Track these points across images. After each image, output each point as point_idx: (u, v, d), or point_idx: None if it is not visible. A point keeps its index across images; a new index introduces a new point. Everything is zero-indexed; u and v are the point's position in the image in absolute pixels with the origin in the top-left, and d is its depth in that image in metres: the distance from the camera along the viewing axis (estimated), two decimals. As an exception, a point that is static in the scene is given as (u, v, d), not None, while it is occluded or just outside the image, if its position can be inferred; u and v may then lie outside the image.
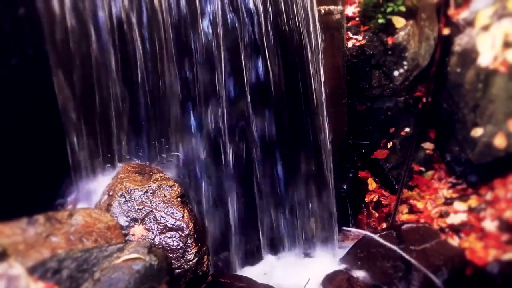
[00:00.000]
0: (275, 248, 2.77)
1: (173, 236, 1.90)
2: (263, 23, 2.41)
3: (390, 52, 3.31)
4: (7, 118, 1.90)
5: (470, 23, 3.20)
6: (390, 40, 3.30)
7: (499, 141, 2.90)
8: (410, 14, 3.31)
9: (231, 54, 2.39)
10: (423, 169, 3.29)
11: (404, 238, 2.66)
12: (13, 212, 1.69)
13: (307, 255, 2.85)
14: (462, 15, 3.30)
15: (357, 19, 3.46)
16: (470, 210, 2.91)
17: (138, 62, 2.17)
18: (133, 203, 1.96)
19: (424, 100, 3.38)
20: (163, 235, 1.90)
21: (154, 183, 2.04)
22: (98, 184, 2.11)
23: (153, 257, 1.56)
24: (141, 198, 1.98)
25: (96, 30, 2.04)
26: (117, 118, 2.18)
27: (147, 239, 1.87)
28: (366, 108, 3.39)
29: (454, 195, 3.08)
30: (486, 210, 2.85)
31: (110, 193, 2.01)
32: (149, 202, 1.97)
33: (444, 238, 2.74)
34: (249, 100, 2.49)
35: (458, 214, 2.91)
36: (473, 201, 2.96)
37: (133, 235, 1.89)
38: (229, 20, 2.35)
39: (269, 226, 2.71)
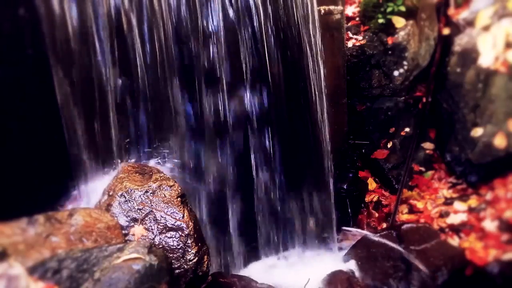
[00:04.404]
0: (275, 248, 2.77)
1: (173, 236, 1.90)
2: (263, 23, 2.41)
3: (390, 52, 3.31)
4: (7, 118, 1.90)
5: (470, 23, 3.19)
6: (390, 40, 3.30)
7: (499, 141, 2.90)
8: (410, 14, 3.31)
9: (231, 54, 2.39)
10: (423, 169, 3.29)
11: (404, 238, 2.66)
12: (13, 212, 1.69)
13: (307, 255, 2.85)
14: (462, 15, 3.29)
15: (357, 19, 3.46)
16: (470, 210, 2.91)
17: (138, 62, 2.17)
18: (133, 203, 1.96)
19: (424, 100, 3.38)
20: (163, 235, 1.90)
21: (154, 183, 2.04)
22: (98, 184, 2.11)
23: (153, 257, 1.56)
24: (141, 198, 1.98)
25: (96, 30, 2.04)
26: (117, 118, 2.19)
27: (147, 239, 1.87)
28: (366, 108, 3.39)
29: (454, 195, 3.08)
30: (486, 210, 2.85)
31: (110, 193, 2.01)
32: (149, 202, 1.97)
33: (444, 238, 2.74)
34: (249, 99, 2.50)
35: (458, 214, 2.91)
36: (473, 201, 2.96)
37: (133, 235, 1.89)
38: (229, 20, 2.35)
39: (269, 226, 2.71)
